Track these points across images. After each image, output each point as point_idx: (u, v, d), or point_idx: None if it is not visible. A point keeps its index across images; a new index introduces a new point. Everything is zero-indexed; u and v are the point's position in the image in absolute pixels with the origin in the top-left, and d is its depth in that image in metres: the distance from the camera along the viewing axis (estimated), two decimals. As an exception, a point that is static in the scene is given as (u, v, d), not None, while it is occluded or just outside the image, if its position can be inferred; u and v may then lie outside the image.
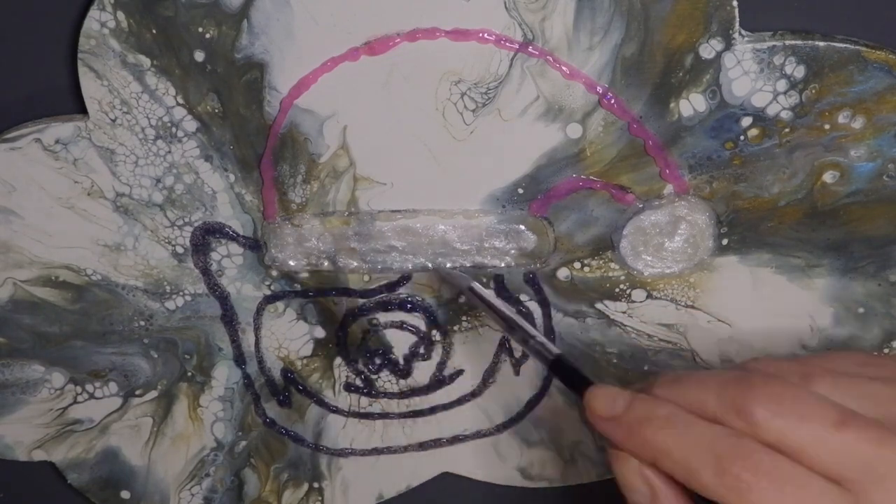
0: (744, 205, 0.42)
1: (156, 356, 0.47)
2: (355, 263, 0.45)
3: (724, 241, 0.43)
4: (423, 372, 0.48)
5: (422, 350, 0.47)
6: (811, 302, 0.44)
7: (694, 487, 0.32)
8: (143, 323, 0.46)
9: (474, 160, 0.42)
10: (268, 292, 0.46)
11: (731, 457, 0.31)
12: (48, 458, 0.49)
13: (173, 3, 0.40)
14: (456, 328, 0.46)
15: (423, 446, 0.49)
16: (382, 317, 0.46)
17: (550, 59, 0.40)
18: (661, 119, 0.41)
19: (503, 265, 0.44)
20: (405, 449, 0.49)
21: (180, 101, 0.42)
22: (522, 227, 0.44)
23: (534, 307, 0.46)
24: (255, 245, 0.45)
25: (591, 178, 0.43)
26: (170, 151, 0.43)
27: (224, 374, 0.48)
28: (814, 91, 0.40)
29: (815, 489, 0.30)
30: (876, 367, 0.35)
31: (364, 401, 0.48)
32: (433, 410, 0.48)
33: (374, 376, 0.48)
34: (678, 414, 0.32)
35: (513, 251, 0.44)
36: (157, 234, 0.44)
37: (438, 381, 0.48)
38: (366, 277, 0.45)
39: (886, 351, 0.45)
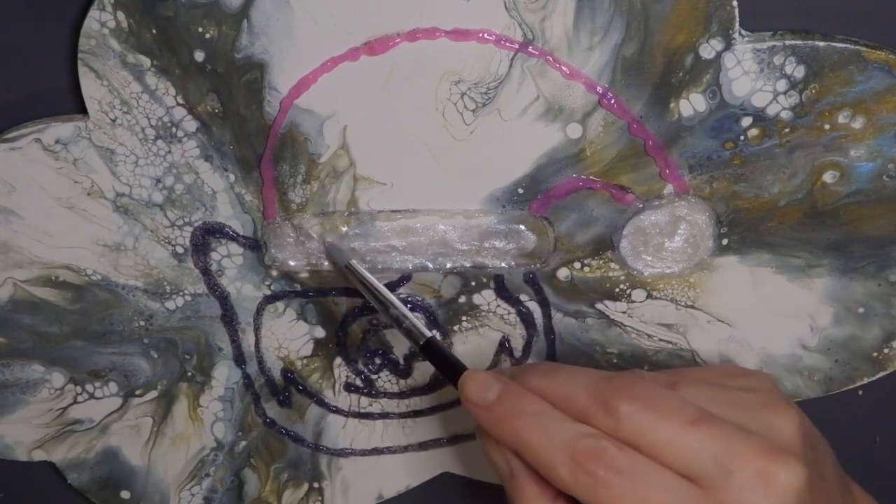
0: (744, 205, 0.42)
1: (156, 356, 0.47)
2: (355, 263, 0.45)
3: (724, 241, 0.43)
4: (423, 372, 0.48)
5: (422, 350, 0.47)
6: (811, 302, 0.44)
7: (553, 483, 0.33)
8: (143, 323, 0.46)
9: (474, 160, 0.42)
10: (268, 292, 0.46)
11: (587, 454, 0.32)
12: (48, 458, 0.49)
13: (173, 3, 0.40)
14: (456, 328, 0.46)
15: (423, 446, 0.49)
16: (382, 317, 0.46)
17: (550, 59, 0.40)
18: (661, 119, 0.41)
19: (503, 265, 0.44)
20: (405, 449, 0.49)
21: (180, 101, 0.42)
22: (522, 227, 0.44)
23: (534, 307, 0.46)
24: (255, 245, 0.45)
25: (591, 178, 0.43)
26: (170, 151, 0.43)
27: (224, 374, 0.48)
28: (814, 91, 0.40)
29: (667, 485, 0.32)
30: (743, 377, 0.37)
31: (364, 401, 0.48)
32: (433, 410, 0.48)
33: (374, 376, 0.48)
34: (544, 411, 0.34)
35: (513, 251, 0.44)
36: (157, 234, 0.44)
37: (439, 381, 0.48)
38: (366, 277, 0.45)
39: (886, 351, 0.45)
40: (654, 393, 0.33)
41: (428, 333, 0.40)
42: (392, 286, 0.45)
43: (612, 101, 0.41)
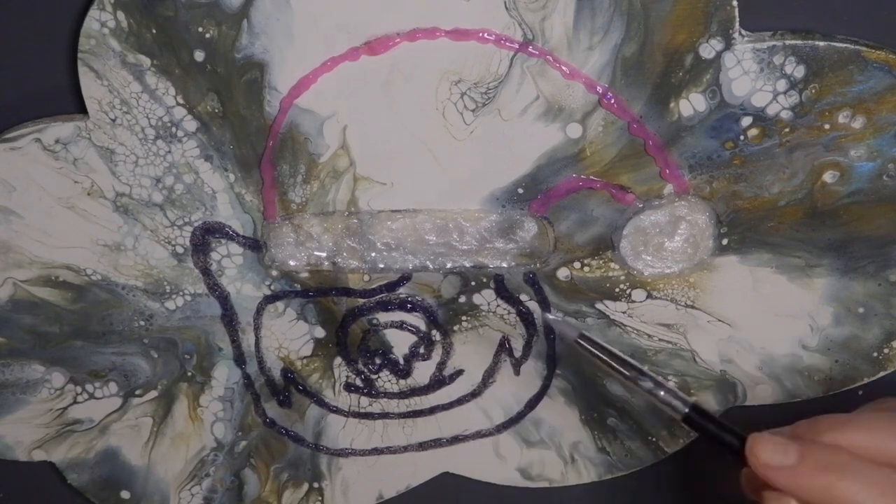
0: (744, 205, 0.42)
1: (156, 356, 0.47)
2: (355, 263, 0.45)
3: (724, 241, 0.43)
4: (423, 372, 0.48)
5: (422, 350, 0.47)
6: (811, 302, 0.44)
7: None
8: (143, 323, 0.46)
9: (474, 160, 0.42)
10: (268, 292, 0.46)
11: None
12: (48, 458, 0.49)
13: (173, 3, 0.40)
14: (456, 328, 0.46)
15: (423, 446, 0.49)
16: (382, 317, 0.46)
17: (550, 58, 0.40)
18: (661, 119, 0.41)
19: (503, 265, 0.44)
20: (405, 449, 0.49)
21: (180, 101, 0.42)
22: (522, 226, 0.44)
23: (534, 307, 0.46)
24: (255, 245, 0.45)
25: (591, 177, 0.43)
26: (170, 151, 0.43)
27: (224, 374, 0.48)
28: (814, 91, 0.40)
29: None
30: None
31: (364, 401, 0.48)
32: (433, 410, 0.48)
33: (374, 376, 0.48)
34: (860, 461, 0.32)
35: (513, 251, 0.44)
36: (157, 233, 0.44)
37: (438, 381, 0.48)
38: (366, 277, 0.45)
39: (886, 351, 0.45)
40: None
41: (690, 400, 0.37)
42: (392, 286, 0.45)
43: (612, 101, 0.41)
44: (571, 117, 0.41)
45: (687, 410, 0.36)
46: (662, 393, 0.37)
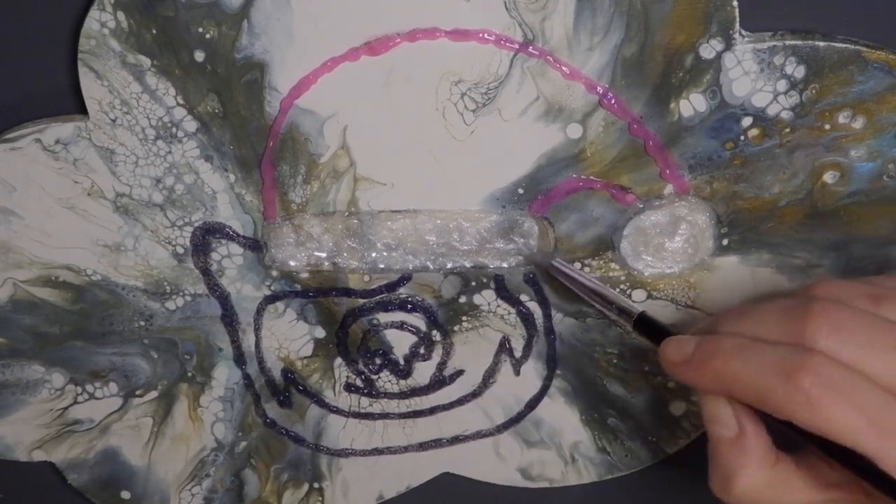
0: (744, 205, 0.42)
1: (156, 356, 0.47)
2: (355, 263, 0.45)
3: (725, 242, 0.43)
4: (423, 372, 0.48)
5: (422, 350, 0.47)
6: (811, 302, 0.44)
7: (768, 409, 0.32)
8: (143, 323, 0.46)
9: (474, 160, 0.42)
10: (268, 292, 0.46)
11: (800, 371, 0.30)
12: (48, 459, 0.49)
13: (173, 4, 0.40)
14: (456, 328, 0.46)
15: (423, 446, 0.49)
16: (382, 317, 0.46)
17: (550, 59, 0.40)
18: (661, 119, 0.41)
19: (503, 265, 0.44)
20: (405, 449, 0.49)
21: (180, 101, 0.42)
22: (523, 227, 0.44)
23: (534, 307, 0.46)
24: (255, 245, 0.45)
25: (592, 178, 0.43)
26: (170, 152, 0.43)
27: (224, 375, 0.48)
28: (814, 91, 0.40)
29: (884, 399, 0.30)
30: None
31: (364, 401, 0.48)
32: (433, 411, 0.48)
33: (374, 377, 0.48)
34: (743, 342, 0.32)
35: (513, 251, 0.44)
36: (157, 234, 0.44)
37: (439, 382, 0.48)
38: (366, 277, 0.45)
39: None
40: (854, 321, 0.31)
41: (638, 309, 0.41)
42: (392, 286, 0.45)
43: (613, 102, 0.41)
44: (572, 118, 0.41)
45: (634, 318, 0.40)
46: (616, 305, 0.41)
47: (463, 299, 0.46)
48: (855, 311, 0.32)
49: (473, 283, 0.45)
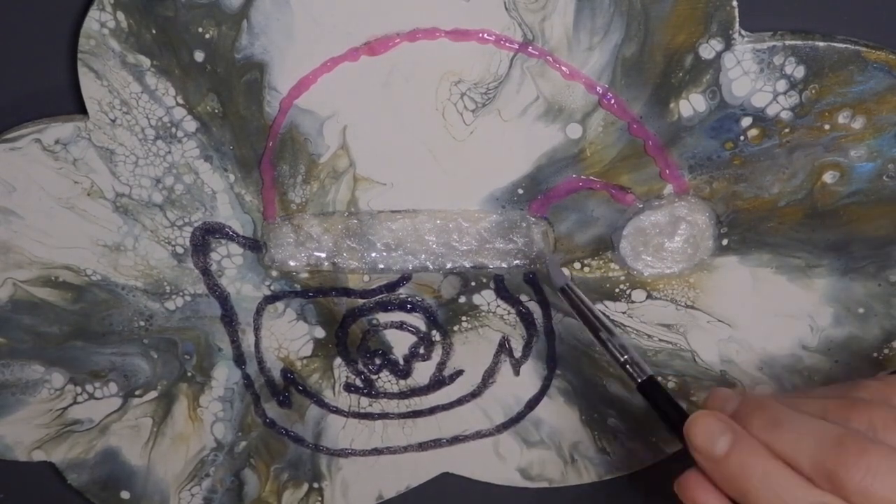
0: (744, 205, 0.42)
1: (156, 356, 0.47)
2: (355, 263, 0.45)
3: (724, 242, 0.43)
4: (423, 372, 0.48)
5: (422, 350, 0.47)
6: (811, 302, 0.44)
7: None
8: (142, 323, 0.46)
9: (474, 160, 0.42)
10: (268, 292, 0.46)
11: None
12: (48, 459, 0.49)
13: (173, 4, 0.40)
14: (456, 328, 0.46)
15: (423, 446, 0.49)
16: (382, 317, 0.46)
17: (550, 59, 0.40)
18: (661, 119, 0.41)
19: (503, 265, 0.44)
20: (405, 449, 0.49)
21: (180, 101, 0.42)
22: (522, 227, 0.44)
23: (534, 307, 0.46)
24: (255, 245, 0.45)
25: (591, 178, 0.43)
26: (170, 152, 0.43)
27: (224, 375, 0.48)
28: (814, 91, 0.40)
29: None
30: None
31: (364, 401, 0.48)
32: (433, 411, 0.48)
33: (374, 377, 0.48)
34: (774, 473, 0.33)
35: (513, 251, 0.44)
36: (157, 234, 0.44)
37: (438, 382, 0.48)
38: (366, 277, 0.45)
39: (886, 352, 0.45)
40: (887, 465, 0.31)
41: (649, 371, 0.39)
42: (392, 286, 0.45)
43: (612, 102, 0.41)
44: (571, 118, 0.41)
45: (640, 381, 0.38)
46: (623, 358, 0.39)
47: (462, 299, 0.46)
48: (888, 451, 0.32)
49: (473, 284, 0.45)
